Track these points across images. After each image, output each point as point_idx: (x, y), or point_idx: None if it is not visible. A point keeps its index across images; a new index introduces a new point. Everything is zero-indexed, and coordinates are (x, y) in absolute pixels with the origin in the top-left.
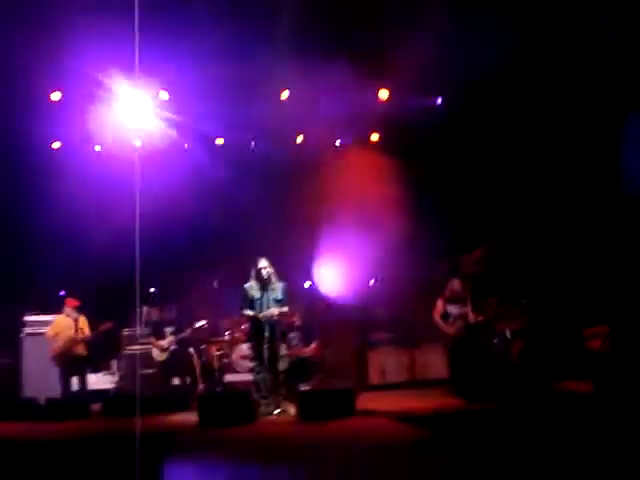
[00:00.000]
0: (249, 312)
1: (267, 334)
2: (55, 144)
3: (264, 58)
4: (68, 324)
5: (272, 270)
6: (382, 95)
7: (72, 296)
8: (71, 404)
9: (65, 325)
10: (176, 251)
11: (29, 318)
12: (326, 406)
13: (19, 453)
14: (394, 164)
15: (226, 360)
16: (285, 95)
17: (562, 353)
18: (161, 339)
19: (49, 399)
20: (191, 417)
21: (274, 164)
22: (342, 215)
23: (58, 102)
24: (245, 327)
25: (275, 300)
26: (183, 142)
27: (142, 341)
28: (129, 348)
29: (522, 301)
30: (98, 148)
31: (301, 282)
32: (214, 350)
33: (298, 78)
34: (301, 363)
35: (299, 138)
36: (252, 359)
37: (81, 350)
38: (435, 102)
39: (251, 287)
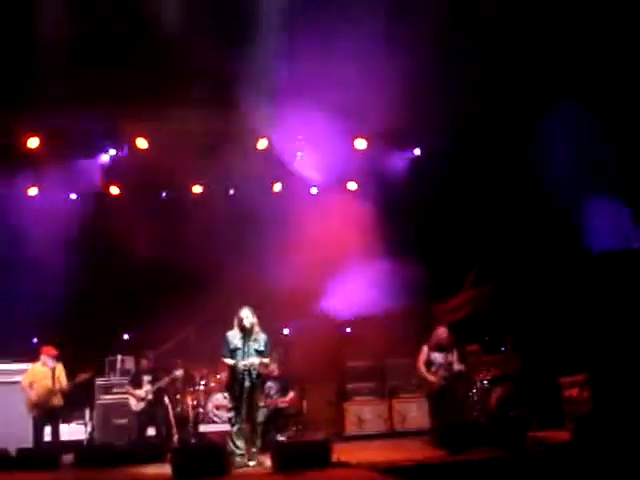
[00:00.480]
0: (230, 361)
1: (247, 384)
2: None
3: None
4: (44, 373)
5: (255, 320)
6: (359, 145)
7: (49, 344)
8: (42, 454)
9: (41, 374)
10: (150, 298)
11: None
12: (302, 457)
13: None
14: (371, 211)
15: (201, 410)
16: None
17: (539, 401)
18: (138, 388)
19: (19, 449)
20: (165, 469)
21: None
22: (319, 260)
23: None
24: (221, 376)
25: (256, 351)
26: None
27: (117, 390)
28: (102, 397)
29: (500, 349)
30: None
31: (278, 329)
32: (189, 400)
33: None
34: (278, 413)
35: (276, 186)
36: (229, 409)
37: (57, 401)
38: (412, 153)
39: (233, 336)
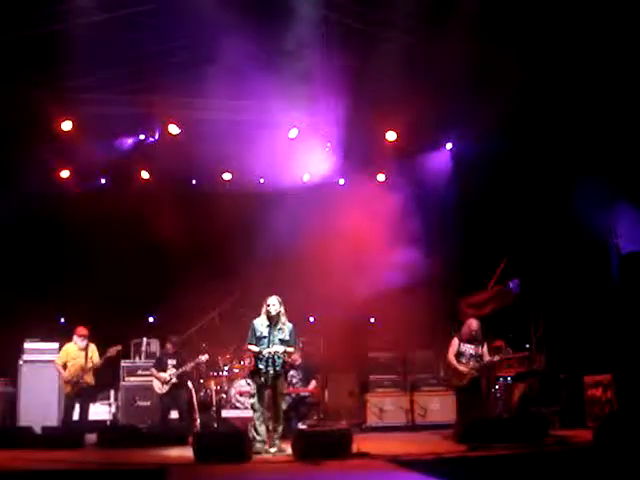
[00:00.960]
0: (255, 348)
1: (271, 372)
2: None
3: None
4: (77, 352)
5: (282, 309)
6: (390, 136)
7: (80, 324)
8: (66, 433)
9: (74, 353)
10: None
11: (28, 345)
12: (323, 446)
13: None
14: (400, 203)
15: (224, 395)
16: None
17: (562, 400)
18: (162, 371)
19: (44, 427)
20: (187, 452)
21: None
22: (345, 252)
23: None
24: (245, 362)
25: (281, 340)
26: None
27: (142, 373)
28: (127, 379)
29: (525, 346)
30: None
31: (304, 317)
32: (213, 385)
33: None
34: (300, 401)
35: (305, 176)
36: (252, 396)
37: (89, 379)
38: (445, 147)
39: (260, 323)
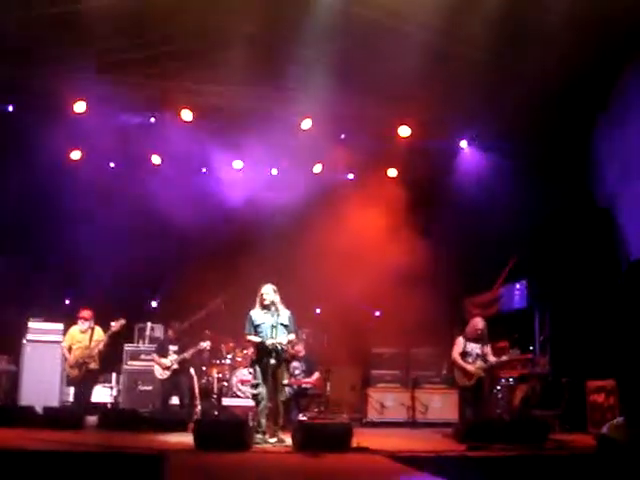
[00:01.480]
0: (255, 338)
1: (272, 362)
2: None
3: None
4: (81, 335)
5: (277, 297)
6: (403, 132)
7: (84, 307)
8: (67, 414)
9: (79, 336)
10: (183, 268)
11: (33, 325)
12: (323, 438)
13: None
14: (409, 199)
15: (226, 384)
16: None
17: (564, 404)
18: (164, 357)
19: (46, 408)
20: (187, 438)
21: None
22: (351, 246)
23: None
24: (248, 351)
25: (282, 325)
26: None
27: (144, 357)
28: (130, 363)
29: (529, 347)
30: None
31: (311, 308)
32: (215, 373)
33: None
34: (301, 393)
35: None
36: (253, 386)
37: (95, 364)
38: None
39: (257, 313)
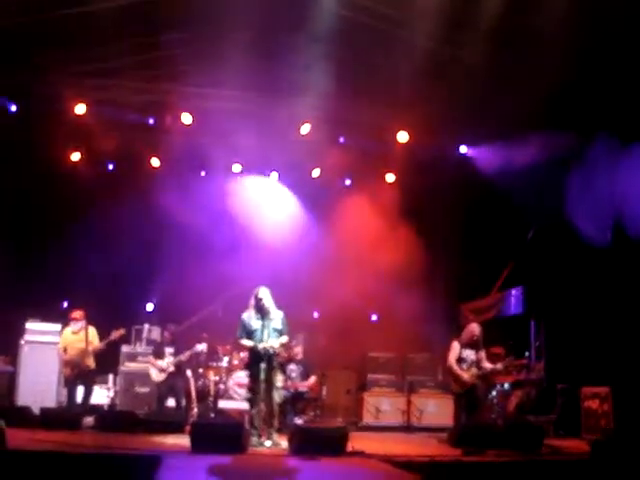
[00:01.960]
0: (248, 343)
1: (264, 365)
2: None
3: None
4: (77, 336)
5: (271, 300)
6: (401, 137)
7: (78, 307)
8: (64, 415)
9: (72, 337)
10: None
11: (30, 326)
12: (318, 442)
13: None
14: (406, 204)
15: (222, 386)
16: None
17: (558, 410)
18: (160, 359)
19: (43, 408)
20: (183, 440)
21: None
22: (348, 251)
23: None
24: (244, 355)
25: (274, 329)
26: None
27: (141, 359)
28: (127, 365)
29: (524, 353)
30: None
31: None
32: (211, 375)
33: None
34: (297, 396)
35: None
36: (248, 389)
37: (89, 362)
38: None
39: (249, 317)
